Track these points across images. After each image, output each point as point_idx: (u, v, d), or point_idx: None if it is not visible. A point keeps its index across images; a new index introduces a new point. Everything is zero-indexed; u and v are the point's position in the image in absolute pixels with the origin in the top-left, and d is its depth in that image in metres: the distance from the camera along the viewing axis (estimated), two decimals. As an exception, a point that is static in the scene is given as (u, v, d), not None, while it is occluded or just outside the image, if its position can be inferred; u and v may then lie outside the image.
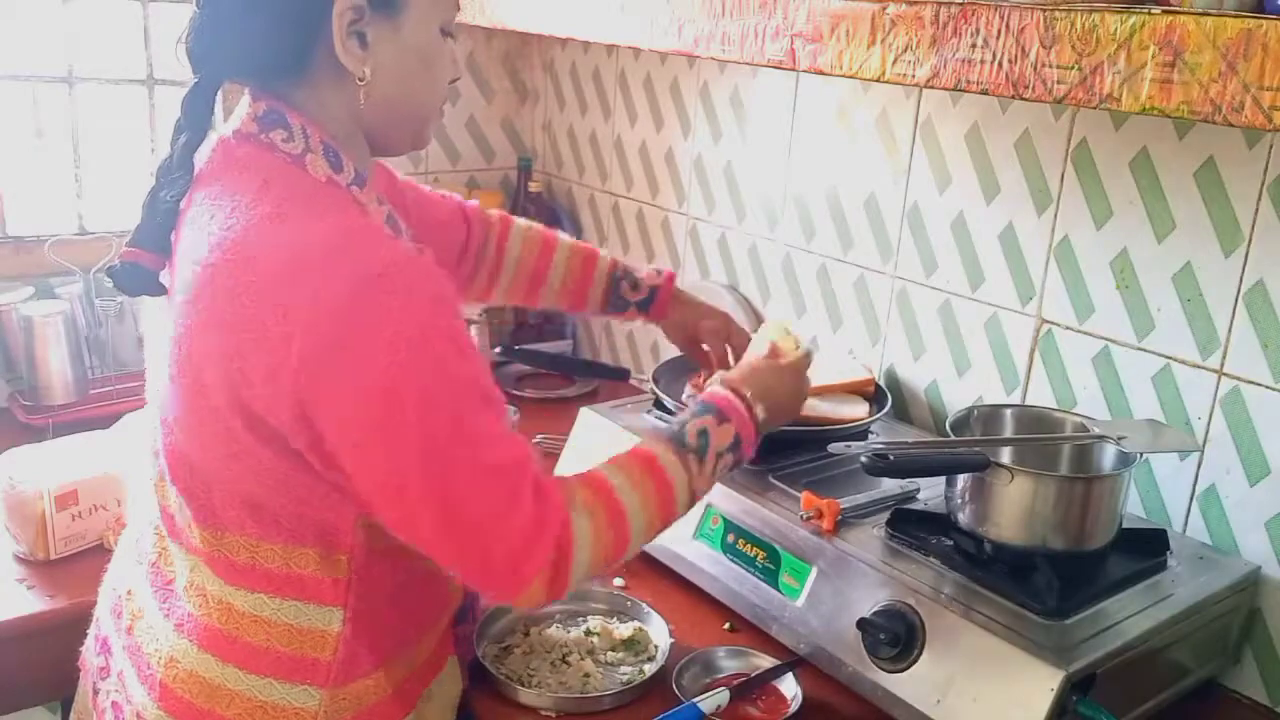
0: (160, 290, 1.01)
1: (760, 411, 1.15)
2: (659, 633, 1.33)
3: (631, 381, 1.95)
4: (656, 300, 1.49)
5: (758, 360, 1.24)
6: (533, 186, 2.28)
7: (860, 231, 1.76)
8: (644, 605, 1.37)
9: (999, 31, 0.99)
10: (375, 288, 0.88)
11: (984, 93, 1.01)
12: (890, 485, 1.40)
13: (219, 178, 0.99)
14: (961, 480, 1.26)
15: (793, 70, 1.21)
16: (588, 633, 1.32)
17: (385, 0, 0.98)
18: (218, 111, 1.06)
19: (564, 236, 1.51)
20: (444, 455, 0.90)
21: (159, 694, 1.02)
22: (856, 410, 1.54)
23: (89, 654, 1.16)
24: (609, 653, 1.31)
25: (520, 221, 1.51)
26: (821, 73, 1.17)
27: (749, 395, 1.15)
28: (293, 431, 0.92)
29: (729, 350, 1.48)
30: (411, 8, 1.00)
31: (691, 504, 1.09)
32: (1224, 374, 1.34)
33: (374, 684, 1.05)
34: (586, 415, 1.61)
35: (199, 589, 1.02)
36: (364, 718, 1.04)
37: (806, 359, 1.28)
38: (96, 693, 1.12)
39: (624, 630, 1.33)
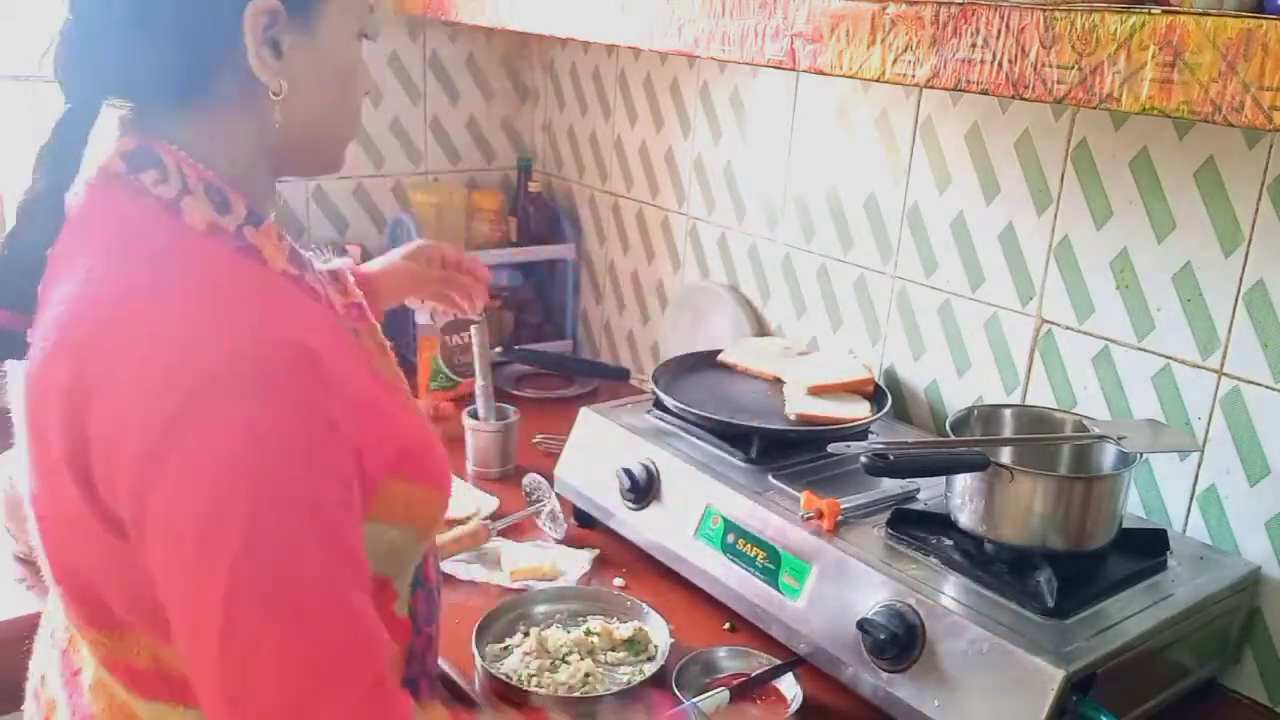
0: (23, 350, 0.83)
1: None
2: (659, 633, 1.33)
3: (631, 381, 1.95)
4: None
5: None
6: (533, 186, 2.28)
7: (860, 231, 1.76)
8: (644, 605, 1.37)
9: (999, 31, 0.99)
10: (213, 393, 0.73)
11: (984, 93, 1.01)
12: (890, 485, 1.40)
13: (78, 228, 0.85)
14: (961, 480, 1.26)
15: (793, 70, 1.21)
16: (588, 633, 1.32)
17: (300, 5, 0.85)
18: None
19: None
20: (253, 615, 0.73)
21: None
22: (857, 410, 1.54)
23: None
24: (609, 653, 1.30)
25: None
26: (821, 73, 1.17)
27: None
28: (133, 530, 0.78)
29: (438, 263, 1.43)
30: (329, 11, 0.88)
31: None
32: (1224, 374, 1.34)
33: None
34: (586, 415, 1.61)
35: (106, 690, 0.89)
36: None
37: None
38: None
39: (624, 630, 1.33)
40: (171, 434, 0.73)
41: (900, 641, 1.16)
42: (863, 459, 1.21)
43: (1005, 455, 1.32)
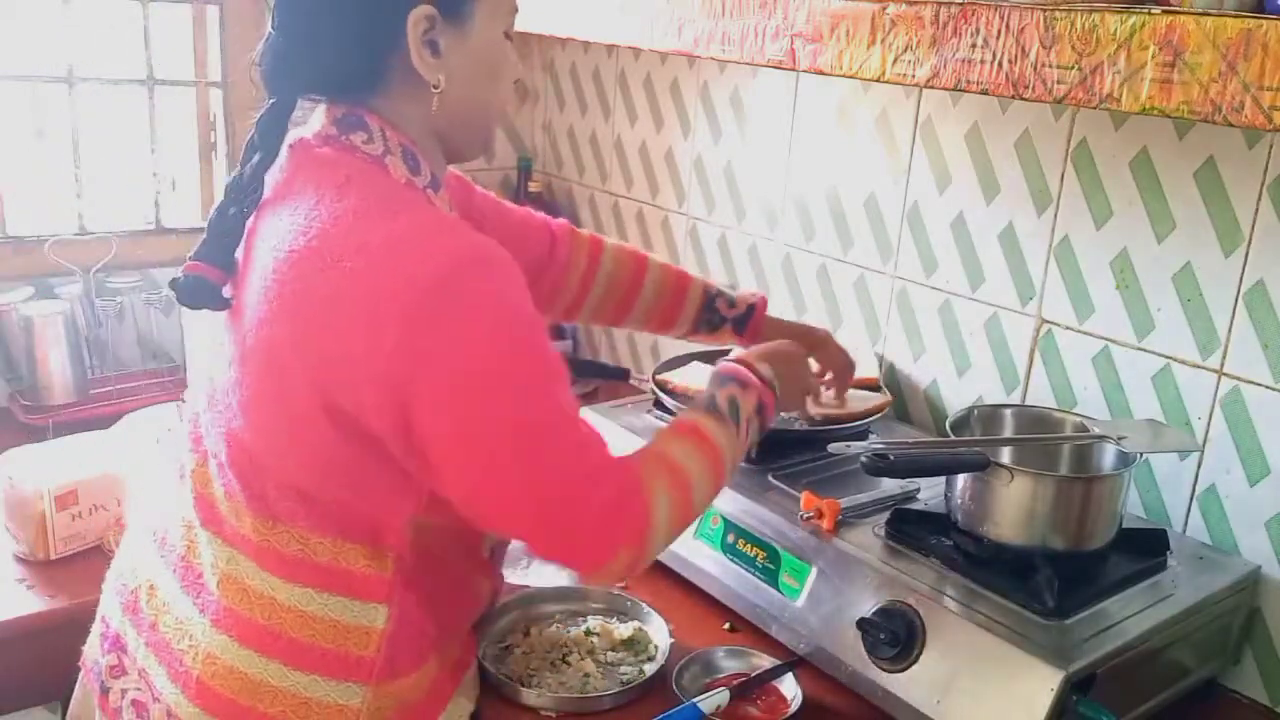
0: (224, 304, 1.02)
1: (775, 383, 1.18)
2: (659, 633, 1.33)
3: (631, 381, 1.95)
4: (753, 318, 1.46)
5: (767, 346, 1.27)
6: (533, 187, 2.28)
7: (860, 231, 1.76)
8: (644, 605, 1.37)
9: (999, 31, 0.99)
10: (470, 272, 0.91)
11: (984, 93, 1.01)
12: (890, 485, 1.40)
13: (297, 175, 1.01)
14: (961, 480, 1.26)
15: (793, 70, 1.21)
16: (588, 632, 1.32)
17: (455, 9, 1.00)
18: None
19: (654, 255, 1.49)
20: (536, 433, 0.94)
21: (195, 691, 1.01)
22: (869, 402, 1.54)
23: (93, 652, 1.15)
24: (609, 652, 1.30)
25: (612, 241, 1.48)
26: (821, 73, 1.17)
27: (762, 369, 1.17)
28: (378, 417, 0.93)
29: (827, 371, 1.48)
30: (478, 15, 1.03)
31: (734, 469, 1.12)
32: (1224, 374, 1.34)
33: (413, 682, 1.05)
34: (586, 415, 1.61)
35: (238, 583, 1.02)
36: (404, 715, 1.05)
37: (804, 351, 1.32)
38: (106, 692, 1.11)
39: (624, 630, 1.33)
40: (433, 312, 0.89)
41: (900, 641, 1.16)
42: (863, 459, 1.21)
43: (1005, 455, 1.32)
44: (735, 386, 1.14)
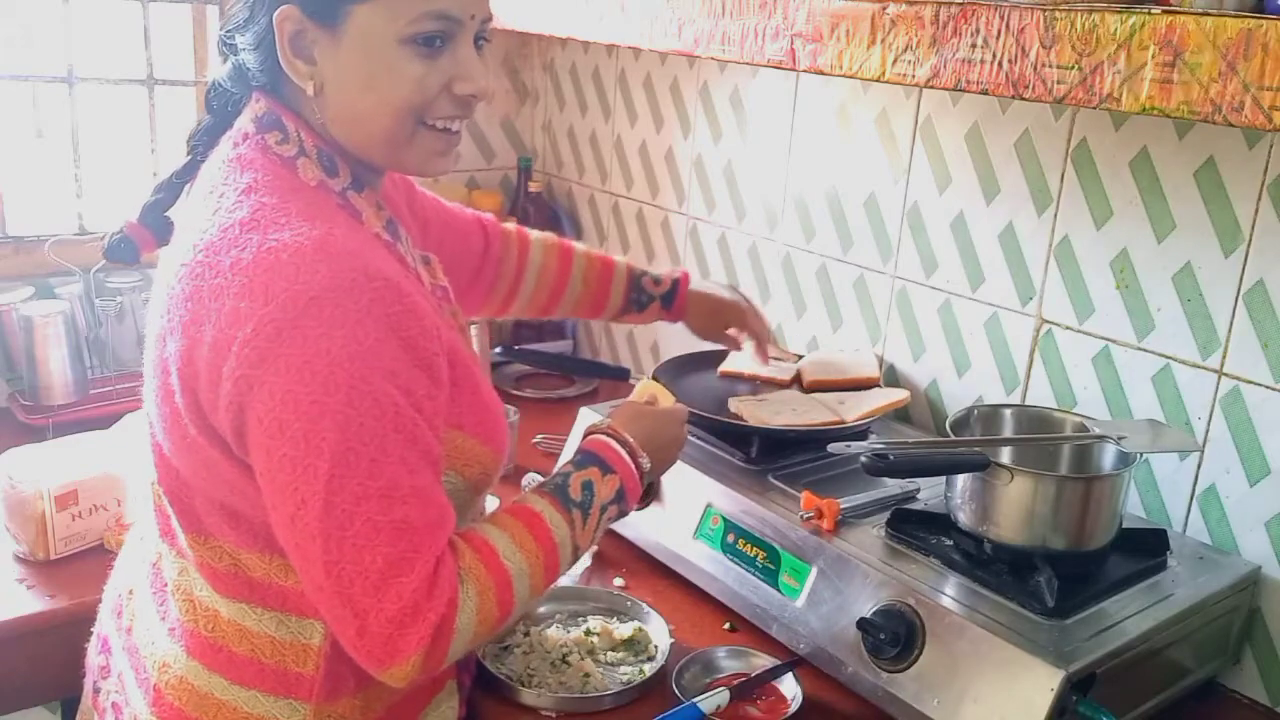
0: (135, 260, 1.08)
1: (645, 461, 1.12)
2: (659, 633, 1.33)
3: (631, 381, 1.95)
4: (678, 294, 1.53)
5: (640, 407, 1.21)
6: (533, 186, 2.28)
7: (860, 231, 1.76)
8: (644, 605, 1.37)
9: (999, 31, 0.99)
10: (318, 309, 0.87)
11: (984, 93, 1.01)
12: (890, 485, 1.40)
13: (216, 172, 1.00)
14: (961, 480, 1.26)
15: (793, 70, 1.21)
16: (588, 633, 1.32)
17: (324, 13, 0.95)
18: None
19: (579, 244, 1.54)
20: (350, 496, 0.87)
21: (153, 698, 1.02)
22: (874, 401, 1.55)
23: (91, 653, 1.16)
24: (609, 653, 1.30)
25: (536, 233, 1.52)
26: (821, 73, 1.17)
27: (633, 443, 1.12)
28: (232, 436, 0.91)
29: (749, 339, 1.54)
30: (355, 20, 0.95)
31: (574, 561, 1.05)
32: (1224, 374, 1.34)
33: (362, 703, 1.02)
34: (586, 415, 1.61)
35: (187, 594, 1.02)
36: None
37: (684, 410, 1.26)
38: (98, 692, 1.12)
39: (624, 630, 1.33)
40: (278, 339, 0.86)
41: (900, 641, 1.16)
42: (863, 459, 1.21)
43: (1005, 455, 1.32)
44: (595, 469, 1.07)
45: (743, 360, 1.65)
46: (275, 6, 0.94)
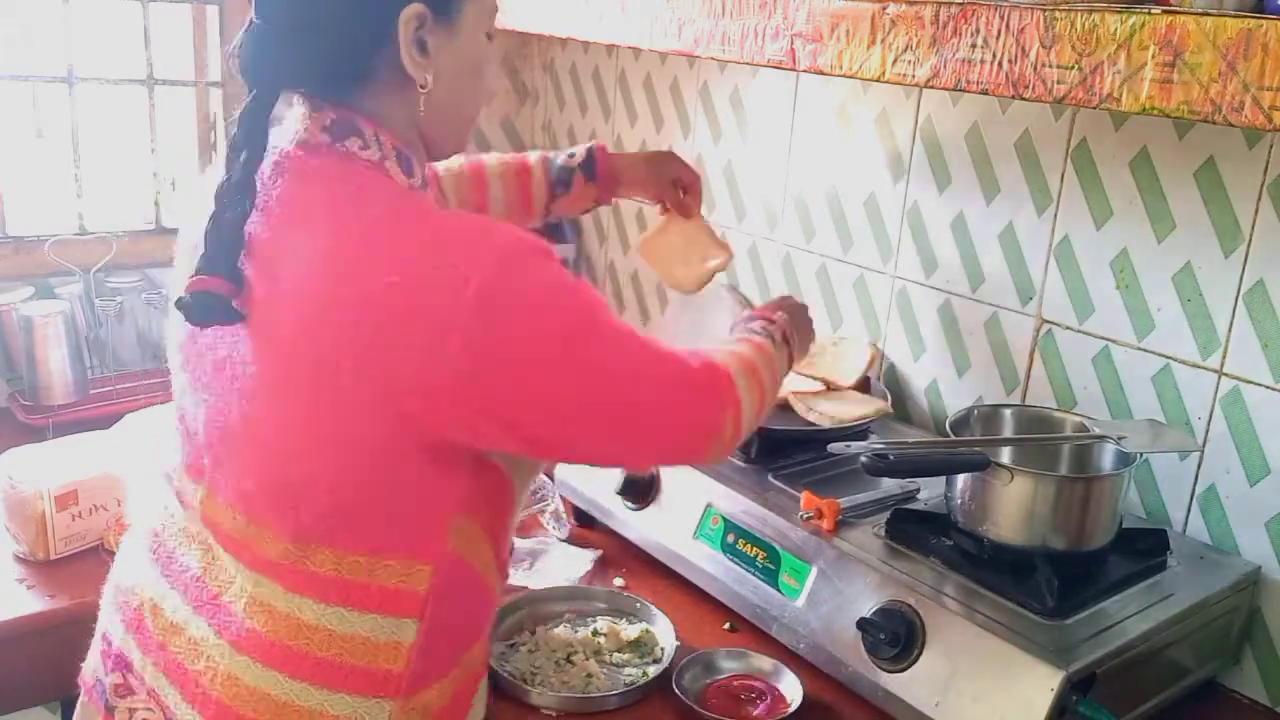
0: (235, 317, 0.94)
1: (790, 331, 1.22)
2: (666, 634, 1.33)
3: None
4: (597, 161, 1.47)
5: (777, 300, 1.31)
6: (533, 186, 2.27)
7: (860, 231, 1.76)
8: (652, 607, 1.37)
9: (999, 31, 0.99)
10: (517, 261, 0.92)
11: (984, 93, 1.01)
12: (890, 485, 1.40)
13: (303, 192, 0.96)
14: (961, 480, 1.26)
15: (793, 70, 1.21)
16: (595, 633, 1.33)
17: (444, 9, 0.99)
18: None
19: (488, 156, 1.50)
20: (620, 374, 0.98)
21: (214, 713, 0.98)
22: (865, 409, 1.53)
23: (95, 670, 1.10)
24: (615, 654, 1.31)
25: (444, 168, 1.46)
26: (821, 73, 1.17)
27: (778, 316, 1.22)
28: (452, 422, 0.93)
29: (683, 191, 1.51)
30: (467, 15, 1.01)
31: (780, 382, 1.19)
32: (1224, 374, 1.34)
33: (438, 693, 1.03)
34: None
35: (265, 606, 0.98)
36: None
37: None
38: (112, 710, 1.06)
39: (631, 631, 1.33)
40: (494, 286, 0.89)
41: (900, 641, 1.16)
42: (863, 459, 1.21)
43: (1005, 455, 1.32)
44: (760, 323, 1.20)
45: None
46: (402, 4, 0.96)
